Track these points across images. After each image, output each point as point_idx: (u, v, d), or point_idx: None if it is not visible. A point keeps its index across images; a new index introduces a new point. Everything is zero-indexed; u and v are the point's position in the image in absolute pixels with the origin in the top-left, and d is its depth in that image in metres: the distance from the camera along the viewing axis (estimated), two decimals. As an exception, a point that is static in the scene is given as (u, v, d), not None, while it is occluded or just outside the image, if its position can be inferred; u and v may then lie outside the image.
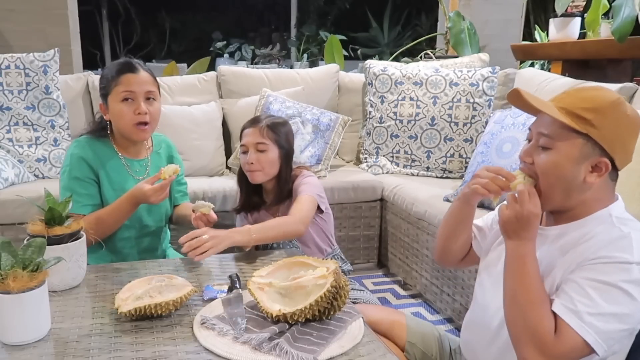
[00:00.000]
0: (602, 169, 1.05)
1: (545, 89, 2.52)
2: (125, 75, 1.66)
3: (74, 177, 1.67)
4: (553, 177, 1.07)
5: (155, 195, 1.59)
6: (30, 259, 1.14)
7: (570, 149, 1.05)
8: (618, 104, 1.05)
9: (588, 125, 1.03)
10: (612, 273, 0.98)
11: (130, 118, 1.66)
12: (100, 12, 10.06)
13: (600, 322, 0.97)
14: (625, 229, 1.04)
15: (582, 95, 1.07)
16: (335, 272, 1.21)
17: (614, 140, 1.04)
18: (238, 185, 1.98)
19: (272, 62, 7.56)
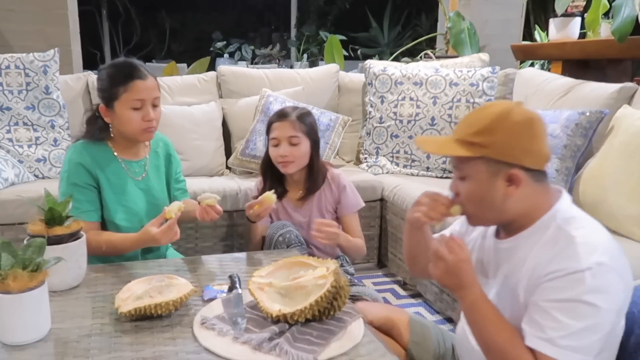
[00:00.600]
0: (516, 180, 1.07)
1: (545, 89, 2.52)
2: (135, 82, 1.64)
3: (72, 183, 1.66)
4: (476, 201, 1.12)
5: (165, 237, 1.54)
6: (30, 259, 1.14)
7: (477, 173, 1.09)
8: (503, 116, 1.06)
9: (480, 147, 1.07)
10: (568, 288, 0.99)
11: (138, 124, 1.67)
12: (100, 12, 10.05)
13: (575, 340, 0.98)
14: (571, 231, 1.05)
15: (469, 121, 1.11)
16: (335, 272, 1.21)
17: (512, 150, 1.06)
18: (262, 175, 2.05)
19: (272, 62, 7.56)
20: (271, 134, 1.96)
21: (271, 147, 1.96)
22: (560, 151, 2.01)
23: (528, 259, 1.09)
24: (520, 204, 1.09)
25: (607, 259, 1.00)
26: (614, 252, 1.03)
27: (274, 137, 1.94)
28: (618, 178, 1.84)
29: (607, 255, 1.00)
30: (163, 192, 1.86)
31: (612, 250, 1.03)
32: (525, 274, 1.08)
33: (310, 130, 1.96)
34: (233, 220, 2.53)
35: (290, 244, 1.84)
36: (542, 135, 1.09)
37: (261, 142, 2.69)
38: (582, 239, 1.02)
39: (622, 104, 2.10)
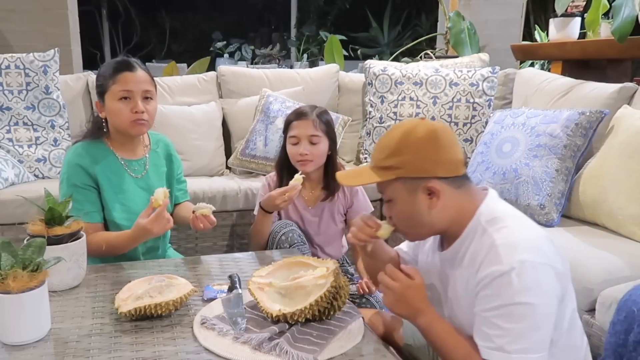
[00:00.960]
0: (435, 191, 1.12)
1: (545, 89, 2.52)
2: (123, 74, 1.66)
3: (72, 184, 1.66)
4: (405, 219, 1.17)
5: (156, 226, 1.51)
6: (30, 259, 1.14)
7: (398, 194, 1.15)
8: (406, 135, 1.12)
9: (392, 170, 1.13)
10: (499, 293, 1.02)
11: (127, 116, 1.66)
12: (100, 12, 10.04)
13: (522, 342, 1.01)
14: (492, 234, 1.08)
15: (379, 147, 1.17)
16: (335, 272, 1.22)
17: (422, 164, 1.11)
18: (277, 174, 2.05)
19: (272, 62, 7.56)
20: (290, 132, 1.96)
21: (289, 145, 1.97)
22: (560, 151, 2.01)
23: (462, 268, 1.13)
24: (447, 212, 1.14)
25: (529, 255, 1.02)
26: (537, 245, 1.05)
27: (294, 135, 1.94)
28: (618, 178, 1.84)
29: (530, 251, 1.03)
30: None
31: (535, 244, 1.06)
32: (464, 283, 1.12)
33: (329, 130, 1.97)
34: (233, 220, 2.53)
35: (293, 243, 1.85)
36: (449, 144, 1.13)
37: (261, 142, 2.69)
38: (502, 240, 1.06)
39: (622, 104, 2.10)
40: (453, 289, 1.18)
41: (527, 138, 2.11)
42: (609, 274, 1.56)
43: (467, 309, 1.12)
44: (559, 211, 1.98)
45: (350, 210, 2.04)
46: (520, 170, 2.05)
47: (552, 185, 1.98)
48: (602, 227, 1.91)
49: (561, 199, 1.98)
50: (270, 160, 2.67)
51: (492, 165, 2.17)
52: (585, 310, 1.56)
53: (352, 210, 2.04)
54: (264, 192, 2.06)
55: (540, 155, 2.04)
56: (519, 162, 2.07)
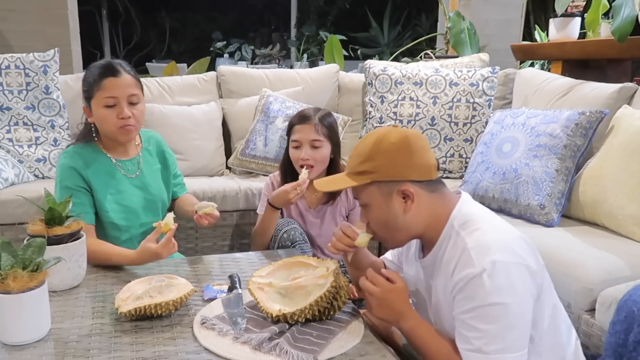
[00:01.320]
0: (409, 195, 1.13)
1: (545, 89, 2.52)
2: (108, 80, 1.63)
3: (65, 186, 1.65)
4: (381, 225, 1.19)
5: (165, 251, 1.51)
6: (30, 259, 1.14)
7: (372, 198, 1.16)
8: (378, 142, 1.15)
9: (367, 174, 1.15)
10: (473, 295, 1.04)
11: (113, 122, 1.64)
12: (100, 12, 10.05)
13: (499, 343, 1.02)
14: (465, 237, 1.09)
15: (355, 153, 1.20)
16: (335, 272, 1.22)
17: (395, 168, 1.13)
18: (281, 176, 2.05)
19: (272, 62, 7.56)
20: (293, 135, 1.96)
21: (292, 149, 1.96)
22: (560, 151, 2.01)
23: (440, 274, 1.14)
24: (421, 216, 1.15)
25: (500, 256, 1.04)
26: (509, 245, 1.07)
27: (296, 139, 1.94)
28: (618, 178, 1.84)
29: (501, 251, 1.04)
30: (159, 189, 1.84)
31: (507, 244, 1.07)
32: (442, 287, 1.14)
33: (332, 133, 1.96)
34: (233, 220, 2.53)
35: (295, 241, 1.85)
36: (421, 149, 1.16)
37: (261, 142, 2.69)
38: (473, 242, 1.07)
39: (622, 104, 2.10)
40: (435, 295, 1.19)
41: (527, 138, 2.11)
42: (609, 274, 1.56)
43: (448, 314, 1.14)
44: (559, 211, 1.98)
45: (352, 213, 2.05)
46: (520, 170, 2.05)
47: (552, 185, 1.98)
48: (602, 227, 1.91)
49: (561, 199, 1.98)
50: (270, 160, 2.67)
51: (492, 165, 2.17)
52: (585, 310, 1.56)
53: (353, 213, 2.04)
54: (268, 191, 2.06)
55: (540, 155, 2.04)
56: (519, 162, 2.07)
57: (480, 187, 2.17)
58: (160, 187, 1.85)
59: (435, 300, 1.20)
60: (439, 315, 1.19)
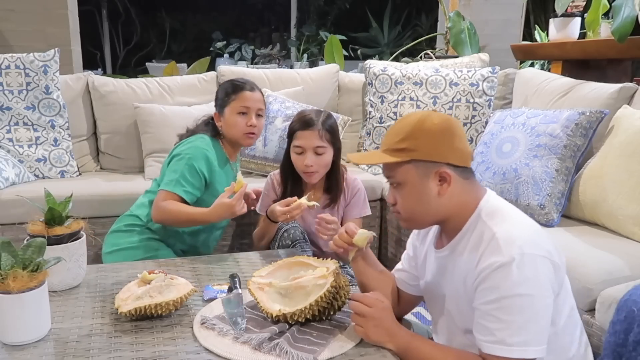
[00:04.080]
0: (447, 177, 1.13)
1: (545, 89, 2.52)
2: (244, 93, 1.94)
3: (191, 165, 1.83)
4: (412, 205, 1.17)
5: (238, 206, 1.66)
6: (30, 259, 1.14)
7: (408, 177, 1.15)
8: (421, 122, 1.14)
9: (407, 152, 1.14)
10: (499, 285, 1.03)
11: (242, 128, 1.93)
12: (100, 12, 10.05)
13: (523, 335, 1.01)
14: (492, 227, 1.09)
15: (394, 130, 1.19)
16: (335, 272, 1.22)
17: (436, 149, 1.13)
18: (282, 178, 2.05)
19: (272, 62, 7.56)
20: (295, 141, 1.94)
21: (294, 154, 1.95)
22: (560, 151, 2.01)
23: (462, 263, 1.14)
24: (452, 201, 1.15)
25: (528, 247, 1.03)
26: (536, 239, 1.07)
27: (299, 145, 1.92)
28: (618, 178, 1.84)
29: (529, 243, 1.04)
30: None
31: (533, 238, 1.07)
32: (463, 277, 1.13)
33: (334, 138, 1.96)
34: (233, 220, 2.53)
35: (295, 239, 1.85)
36: (462, 134, 1.17)
37: (260, 142, 2.69)
38: (502, 232, 1.07)
39: (622, 104, 2.10)
40: (450, 286, 1.18)
41: (527, 138, 2.11)
42: (609, 274, 1.56)
43: (465, 306, 1.13)
44: (559, 211, 1.98)
45: (347, 209, 2.04)
46: (520, 170, 2.05)
47: (552, 185, 1.98)
48: (602, 227, 1.91)
49: (561, 199, 1.98)
50: (270, 160, 2.67)
51: (492, 165, 2.17)
52: (585, 310, 1.56)
53: (349, 206, 2.04)
54: (268, 190, 2.06)
55: (540, 155, 2.04)
56: (519, 162, 2.07)
57: (480, 187, 2.18)
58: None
59: (449, 291, 1.19)
60: (452, 306, 1.19)
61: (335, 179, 2.00)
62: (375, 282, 1.40)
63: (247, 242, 2.52)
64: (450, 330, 1.24)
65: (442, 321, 1.27)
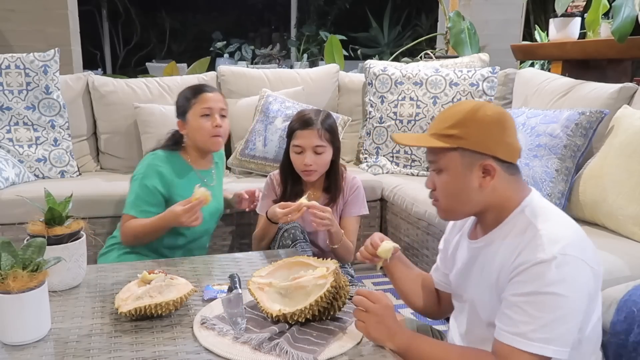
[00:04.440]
0: (491, 170, 1.11)
1: (545, 89, 2.52)
2: (204, 94, 1.93)
3: (143, 184, 1.85)
4: (451, 193, 1.15)
5: (185, 216, 1.66)
6: (30, 259, 1.14)
7: (453, 165, 1.13)
8: (475, 110, 1.11)
9: (456, 139, 1.11)
10: (534, 280, 1.01)
11: (208, 131, 1.91)
12: (100, 12, 10.05)
13: (547, 332, 1.00)
14: (537, 224, 1.07)
15: (445, 116, 1.16)
16: (335, 272, 1.22)
17: (486, 140, 1.11)
18: (282, 178, 2.05)
19: (272, 62, 7.56)
20: (295, 141, 1.94)
21: (293, 153, 1.95)
22: (560, 151, 2.01)
23: (498, 255, 1.12)
24: (494, 195, 1.13)
25: (571, 250, 1.02)
26: (580, 243, 1.05)
27: (299, 145, 1.92)
28: (618, 178, 1.84)
29: (572, 246, 1.03)
30: (221, 197, 2.10)
31: (578, 241, 1.05)
32: (497, 270, 1.11)
33: (334, 138, 1.96)
34: (233, 221, 2.53)
35: (295, 239, 1.85)
36: (513, 129, 1.14)
37: (260, 142, 2.69)
38: (546, 231, 1.05)
39: (622, 104, 2.10)
40: (480, 277, 1.16)
41: (527, 138, 2.11)
42: (609, 274, 1.56)
43: (493, 299, 1.11)
44: (559, 211, 1.98)
45: (346, 204, 2.04)
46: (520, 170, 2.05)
47: (552, 185, 1.98)
48: (602, 227, 1.91)
49: (561, 199, 1.98)
50: (270, 160, 2.67)
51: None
52: (585, 310, 1.56)
53: (347, 204, 2.04)
54: (268, 190, 2.06)
55: (540, 155, 2.03)
56: (519, 162, 2.07)
57: (480, 187, 2.18)
58: (221, 195, 2.11)
59: (477, 282, 1.17)
60: (476, 297, 1.17)
61: (334, 178, 2.00)
62: (409, 287, 1.41)
63: (247, 242, 2.52)
64: (471, 322, 1.22)
65: (464, 312, 1.25)
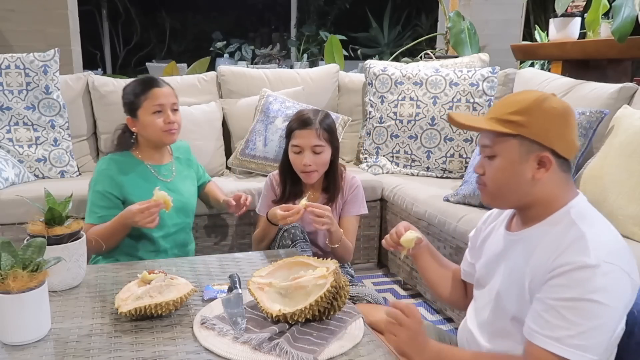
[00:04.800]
0: (547, 163, 1.09)
1: (545, 89, 2.52)
2: (153, 90, 1.87)
3: (96, 190, 1.83)
4: (502, 180, 1.13)
5: (141, 216, 1.65)
6: (30, 259, 1.14)
7: (509, 152, 1.10)
8: (542, 100, 1.09)
9: (517, 126, 1.09)
10: (577, 285, 0.99)
11: (160, 127, 1.86)
12: (100, 12, 10.05)
13: (584, 340, 0.98)
14: (582, 227, 1.05)
15: (508, 102, 1.13)
16: (335, 272, 1.21)
17: (548, 133, 1.08)
18: (281, 178, 2.05)
19: (272, 62, 7.56)
20: (293, 141, 1.94)
21: (292, 153, 1.95)
22: (560, 151, 2.01)
23: (537, 251, 1.09)
24: (544, 189, 1.11)
25: (615, 258, 1.00)
26: (623, 253, 1.03)
27: (297, 144, 1.92)
28: (618, 178, 1.84)
29: (616, 255, 1.01)
30: (189, 193, 2.04)
31: (622, 251, 1.03)
32: (533, 265, 1.08)
33: (332, 137, 1.96)
34: (233, 220, 2.53)
35: (295, 239, 1.85)
36: (575, 125, 1.12)
37: (261, 142, 2.69)
38: (592, 236, 1.03)
39: (622, 104, 2.10)
40: (513, 270, 1.14)
41: (527, 138, 2.11)
42: (609, 274, 1.56)
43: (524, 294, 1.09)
44: (559, 211, 1.98)
45: (345, 203, 2.04)
46: (520, 170, 2.05)
47: (552, 185, 1.98)
48: (602, 227, 1.91)
49: (561, 199, 1.98)
50: (270, 160, 2.67)
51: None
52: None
53: (347, 203, 2.04)
54: (267, 191, 2.06)
55: (540, 155, 2.03)
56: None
57: (480, 187, 2.18)
58: (190, 191, 2.04)
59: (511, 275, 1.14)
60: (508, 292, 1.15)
61: (333, 178, 2.00)
62: (435, 277, 1.41)
63: (247, 242, 2.52)
64: (494, 313, 1.19)
65: (487, 302, 1.22)
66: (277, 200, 2.02)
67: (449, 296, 1.42)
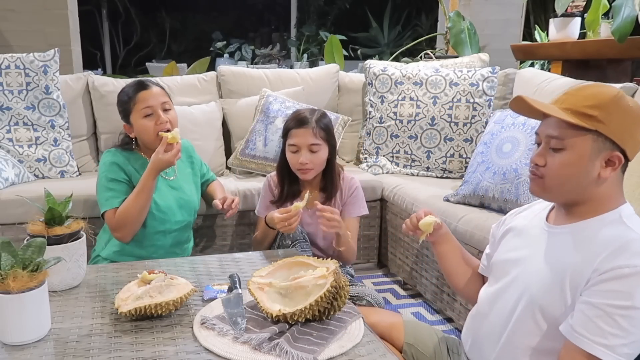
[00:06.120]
0: (616, 163, 1.06)
1: (545, 89, 2.52)
2: (140, 93, 1.87)
3: (110, 179, 1.84)
4: (565, 175, 1.08)
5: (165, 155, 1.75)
6: (30, 259, 1.14)
7: (582, 147, 1.06)
8: (620, 98, 1.06)
9: (595, 121, 1.04)
10: (634, 293, 0.96)
11: (153, 129, 1.86)
12: (100, 12, 10.05)
13: (634, 349, 0.98)
14: (636, 229, 1.03)
15: (584, 94, 1.08)
16: (335, 272, 1.22)
17: (623, 132, 1.05)
18: (279, 179, 2.05)
19: (272, 62, 7.56)
20: (290, 139, 1.94)
21: (289, 152, 1.95)
22: (560, 151, 2.01)
23: (583, 248, 1.06)
24: (601, 189, 1.08)
25: None
26: None
27: (294, 143, 1.92)
28: (618, 178, 1.84)
29: None
30: (192, 191, 2.04)
31: None
32: (576, 262, 1.06)
33: (329, 136, 1.96)
34: (233, 220, 2.53)
35: (295, 239, 1.85)
36: None
37: (261, 142, 2.69)
38: None
39: (622, 104, 2.10)
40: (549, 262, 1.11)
41: (528, 138, 2.11)
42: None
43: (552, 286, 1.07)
44: (559, 211, 1.98)
45: (344, 208, 2.04)
46: (520, 170, 2.05)
47: (552, 185, 1.98)
48: (602, 227, 1.91)
49: (561, 199, 1.98)
50: (270, 160, 2.67)
51: (492, 165, 2.17)
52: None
53: (346, 204, 2.03)
54: (266, 192, 2.06)
55: (540, 155, 2.03)
56: (519, 162, 2.07)
57: (481, 187, 2.18)
58: (192, 189, 2.06)
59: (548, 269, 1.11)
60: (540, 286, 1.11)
61: (330, 177, 2.00)
62: (451, 265, 1.40)
63: (247, 242, 2.52)
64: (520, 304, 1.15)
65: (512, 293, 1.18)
66: (275, 201, 2.02)
67: (463, 287, 1.40)
